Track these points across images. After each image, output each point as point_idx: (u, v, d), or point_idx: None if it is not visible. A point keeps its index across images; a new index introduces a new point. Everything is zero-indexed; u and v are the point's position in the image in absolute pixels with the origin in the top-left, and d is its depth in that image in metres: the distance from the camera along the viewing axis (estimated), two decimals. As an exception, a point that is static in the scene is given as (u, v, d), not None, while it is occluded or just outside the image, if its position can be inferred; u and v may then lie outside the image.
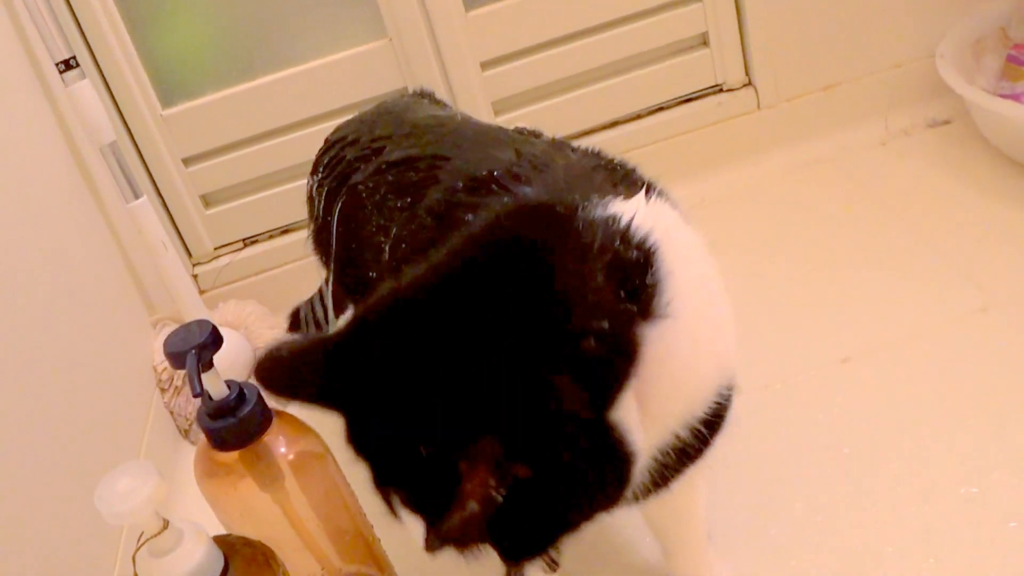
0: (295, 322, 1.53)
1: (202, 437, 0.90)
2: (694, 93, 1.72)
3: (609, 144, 1.65)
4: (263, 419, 0.88)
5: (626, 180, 0.84)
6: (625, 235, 0.71)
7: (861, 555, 1.05)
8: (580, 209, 0.72)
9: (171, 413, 1.47)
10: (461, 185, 0.86)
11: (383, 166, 1.01)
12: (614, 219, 0.72)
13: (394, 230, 0.95)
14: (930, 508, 1.07)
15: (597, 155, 0.90)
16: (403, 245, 0.92)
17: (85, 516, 1.09)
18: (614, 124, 1.71)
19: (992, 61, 1.65)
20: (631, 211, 0.73)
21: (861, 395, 1.23)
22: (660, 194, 0.81)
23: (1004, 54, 1.63)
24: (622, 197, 0.75)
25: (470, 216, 0.80)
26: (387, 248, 0.96)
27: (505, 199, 0.80)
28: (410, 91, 1.30)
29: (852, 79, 1.71)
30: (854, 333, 1.32)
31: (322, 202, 1.13)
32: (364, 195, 1.02)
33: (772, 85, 1.70)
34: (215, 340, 0.85)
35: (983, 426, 1.15)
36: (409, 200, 0.94)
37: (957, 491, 1.08)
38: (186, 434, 1.48)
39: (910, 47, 1.70)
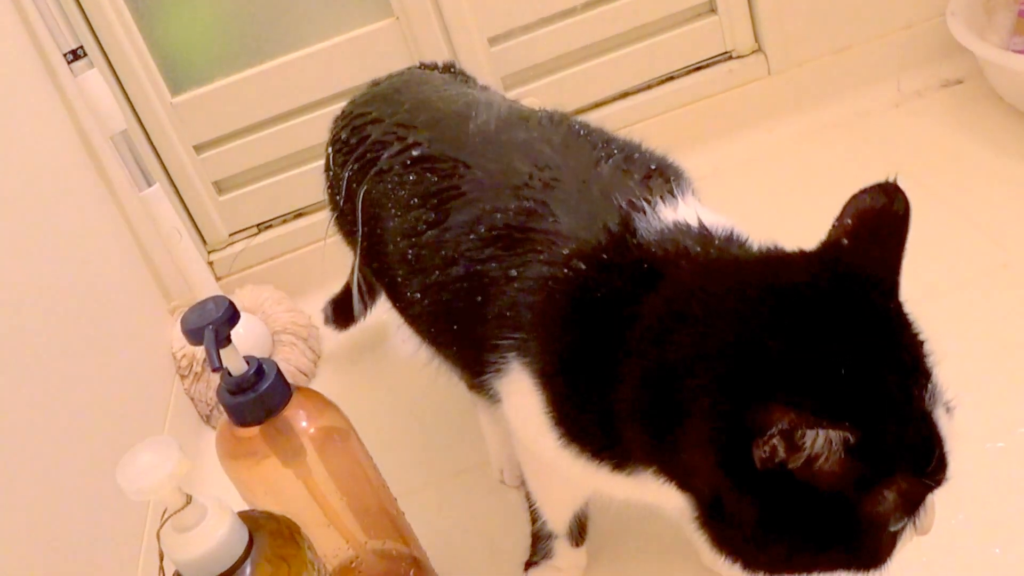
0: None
1: (223, 416, 0.90)
2: (704, 61, 1.70)
3: (620, 115, 1.66)
4: (283, 394, 0.88)
5: (657, 175, 0.88)
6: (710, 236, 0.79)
7: (888, 514, 1.04)
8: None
9: (191, 399, 1.48)
10: (483, 231, 0.88)
11: (408, 161, 1.00)
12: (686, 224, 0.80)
13: (422, 251, 0.96)
14: (956, 464, 1.06)
15: (622, 148, 0.92)
16: (436, 274, 0.94)
17: (111, 499, 1.10)
18: (624, 95, 1.70)
19: (1004, 17, 1.63)
20: (693, 213, 0.81)
21: (883, 355, 1.23)
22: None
23: (1016, 9, 1.61)
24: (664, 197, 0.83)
25: (513, 271, 0.84)
26: (412, 257, 0.97)
27: (541, 254, 0.83)
28: (439, 64, 1.28)
29: (863, 42, 1.70)
30: (873, 294, 1.31)
31: (344, 183, 1.12)
32: (390, 187, 1.01)
33: (782, 51, 1.68)
34: (232, 316, 0.85)
35: (1008, 381, 1.14)
36: (433, 216, 0.95)
37: (983, 447, 1.08)
38: (207, 419, 1.48)
39: (920, 7, 1.68)
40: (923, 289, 1.30)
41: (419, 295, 0.97)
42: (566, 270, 0.80)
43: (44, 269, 1.21)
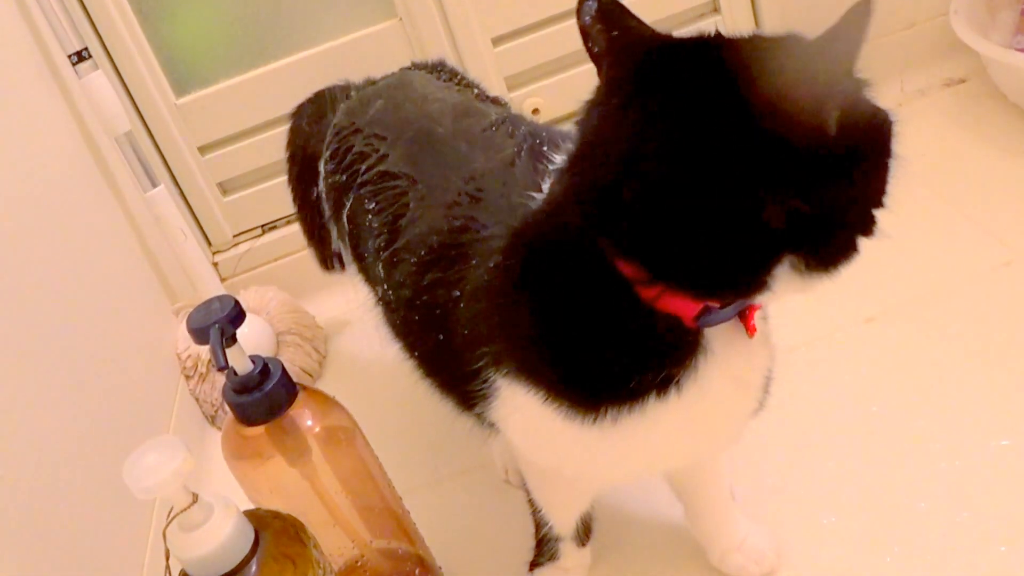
0: None
1: (229, 415, 0.91)
2: (707, 61, 1.70)
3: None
4: (288, 393, 0.89)
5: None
6: None
7: (893, 512, 1.04)
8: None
9: (196, 399, 1.48)
10: (423, 253, 0.89)
11: (376, 176, 1.02)
12: None
13: (380, 272, 0.98)
14: (961, 463, 1.07)
15: (527, 139, 0.94)
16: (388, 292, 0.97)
17: (116, 498, 1.10)
18: (628, 95, 1.70)
19: (1007, 16, 1.63)
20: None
21: (887, 354, 1.23)
22: None
23: (1019, 8, 1.61)
24: None
25: (456, 291, 0.84)
26: (380, 275, 0.99)
27: (473, 259, 0.84)
28: (428, 63, 1.28)
29: (865, 41, 1.69)
30: (878, 293, 1.31)
31: (332, 193, 1.14)
32: (364, 201, 1.03)
33: (785, 50, 1.68)
34: (238, 315, 0.85)
35: (1012, 379, 1.14)
36: (387, 237, 0.97)
37: (988, 444, 1.08)
38: (212, 420, 1.48)
39: (923, 6, 1.68)
40: (927, 287, 1.30)
41: (394, 322, 0.99)
42: (498, 264, 0.79)
43: (49, 270, 1.21)
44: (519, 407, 0.80)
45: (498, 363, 0.80)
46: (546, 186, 0.81)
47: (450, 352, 0.87)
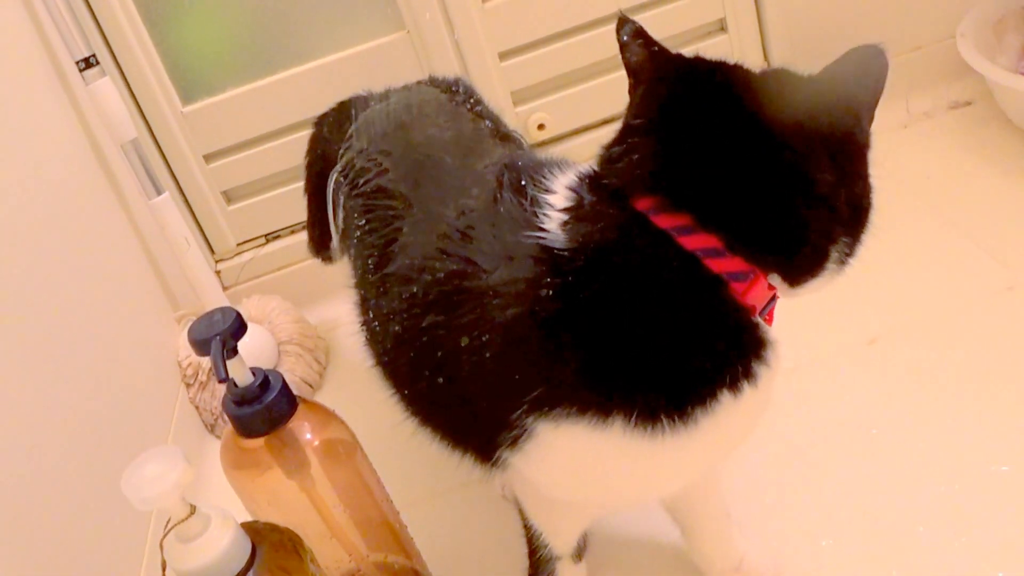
0: None
1: (228, 426, 0.91)
2: (713, 79, 1.70)
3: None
4: (288, 406, 0.89)
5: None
6: None
7: (892, 535, 1.04)
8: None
9: (196, 408, 1.48)
10: (416, 291, 0.87)
11: (372, 191, 1.03)
12: None
13: (367, 292, 0.99)
14: (961, 487, 1.07)
15: (504, 172, 0.92)
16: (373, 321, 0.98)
17: (114, 507, 1.10)
18: (633, 112, 1.70)
19: (1014, 39, 1.63)
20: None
21: (889, 376, 1.23)
22: None
23: (1026, 32, 1.62)
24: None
25: (465, 340, 0.82)
26: (366, 296, 0.99)
27: (486, 308, 0.81)
28: (444, 80, 1.27)
29: (872, 62, 1.70)
30: (880, 315, 1.31)
31: (335, 199, 1.15)
32: (355, 216, 1.04)
33: (792, 69, 1.68)
34: (239, 327, 0.85)
35: (1012, 404, 1.14)
36: (375, 262, 0.96)
37: (987, 469, 1.07)
38: (212, 428, 1.48)
39: (930, 28, 1.68)
40: (930, 310, 1.30)
41: (379, 352, 0.99)
42: (544, 303, 0.76)
43: (52, 275, 1.21)
44: (564, 447, 0.78)
45: (541, 408, 0.77)
46: (550, 223, 0.79)
47: (454, 397, 0.86)
